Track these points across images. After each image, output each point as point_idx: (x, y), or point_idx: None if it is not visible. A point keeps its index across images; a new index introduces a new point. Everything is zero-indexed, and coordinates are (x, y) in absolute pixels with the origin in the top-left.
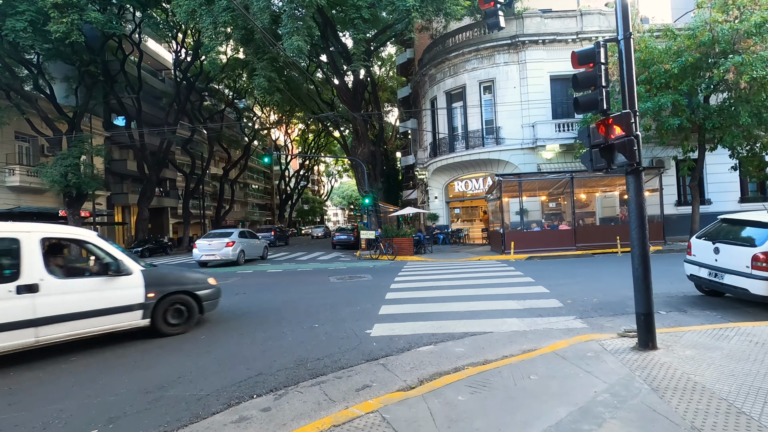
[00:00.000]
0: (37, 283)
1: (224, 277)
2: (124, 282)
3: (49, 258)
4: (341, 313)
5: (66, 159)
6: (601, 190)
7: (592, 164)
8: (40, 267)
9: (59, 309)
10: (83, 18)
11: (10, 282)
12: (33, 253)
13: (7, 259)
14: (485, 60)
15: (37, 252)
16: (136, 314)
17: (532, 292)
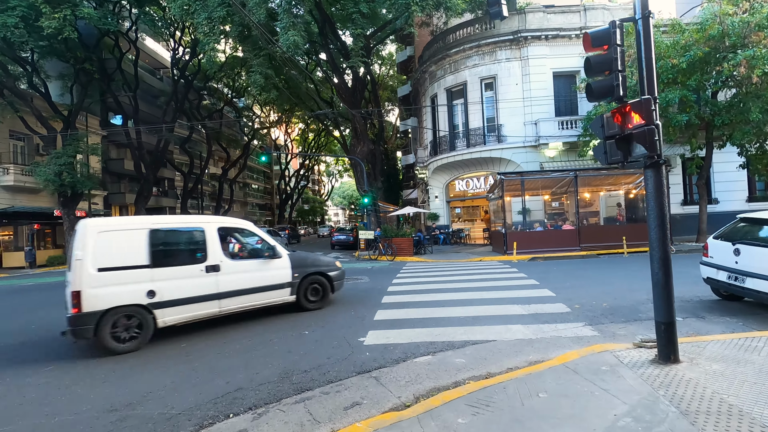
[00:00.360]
0: (218, 263)
1: None
2: (276, 264)
3: (223, 244)
4: (334, 318)
5: (60, 158)
6: (605, 189)
7: (606, 157)
8: (219, 251)
9: (234, 285)
10: (76, 14)
11: (200, 263)
12: (214, 240)
13: (197, 245)
14: (487, 56)
15: (216, 239)
16: (286, 291)
17: (537, 295)
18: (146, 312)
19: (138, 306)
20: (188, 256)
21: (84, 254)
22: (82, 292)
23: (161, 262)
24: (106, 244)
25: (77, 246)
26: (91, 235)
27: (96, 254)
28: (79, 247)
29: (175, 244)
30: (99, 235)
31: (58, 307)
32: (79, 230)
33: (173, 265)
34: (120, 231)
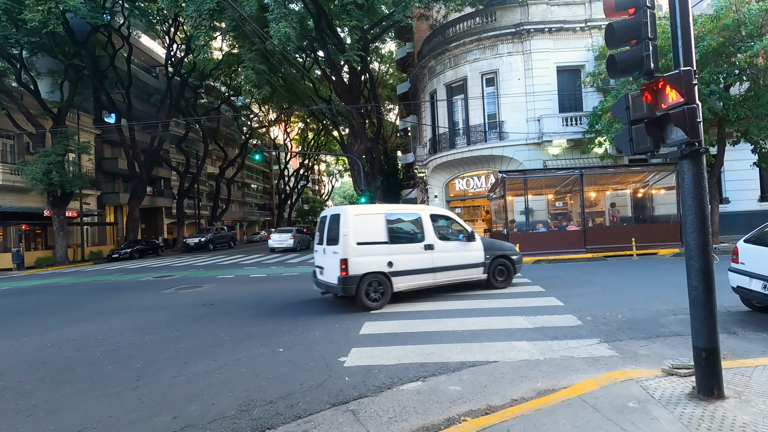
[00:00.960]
0: (433, 243)
1: (198, 283)
2: (473, 246)
3: (433, 227)
4: (315, 331)
5: (48, 156)
6: (612, 188)
7: (631, 146)
8: (433, 233)
9: (444, 262)
10: (61, 6)
11: (420, 243)
12: (428, 224)
13: (417, 228)
14: (488, 50)
15: (430, 223)
16: (479, 270)
17: (543, 305)
18: (386, 279)
19: (382, 273)
20: (412, 237)
21: (348, 231)
22: (348, 260)
23: (395, 240)
24: (360, 225)
25: (342, 225)
26: (351, 217)
27: (355, 232)
28: (343, 226)
29: (403, 226)
30: (355, 218)
31: None
32: (341, 214)
33: (402, 243)
34: (367, 215)
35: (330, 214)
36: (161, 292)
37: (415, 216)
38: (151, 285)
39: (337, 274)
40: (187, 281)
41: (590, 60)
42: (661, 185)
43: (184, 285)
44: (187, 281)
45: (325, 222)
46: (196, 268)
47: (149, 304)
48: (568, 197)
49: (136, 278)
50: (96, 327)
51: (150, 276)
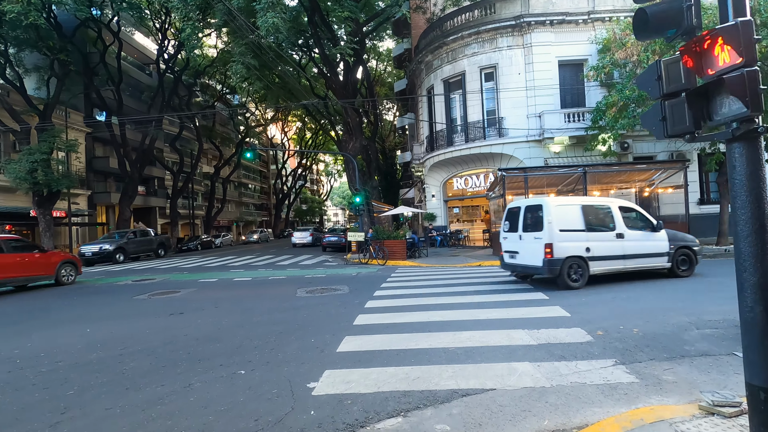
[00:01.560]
0: (623, 232)
1: (176, 287)
2: (658, 236)
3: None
4: (287, 348)
5: (33, 154)
6: (616, 186)
7: (664, 127)
8: (622, 223)
9: (632, 250)
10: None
11: (612, 231)
12: (618, 215)
13: (608, 218)
14: (487, 44)
15: (619, 214)
16: (664, 259)
17: (548, 315)
18: (584, 262)
19: (580, 258)
20: (604, 226)
21: (551, 219)
22: (553, 244)
23: (590, 229)
24: (561, 214)
25: (545, 214)
26: (553, 207)
27: (557, 220)
28: (547, 215)
29: (596, 216)
30: (556, 208)
31: None
32: (543, 205)
33: (597, 231)
34: (566, 206)
35: (525, 205)
36: (133, 299)
37: (606, 207)
38: (126, 290)
39: (540, 257)
40: (167, 286)
41: (593, 54)
42: (668, 184)
43: (160, 290)
44: (167, 286)
45: (518, 212)
46: (181, 271)
47: (115, 312)
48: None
49: (115, 282)
50: (45, 341)
51: (130, 279)
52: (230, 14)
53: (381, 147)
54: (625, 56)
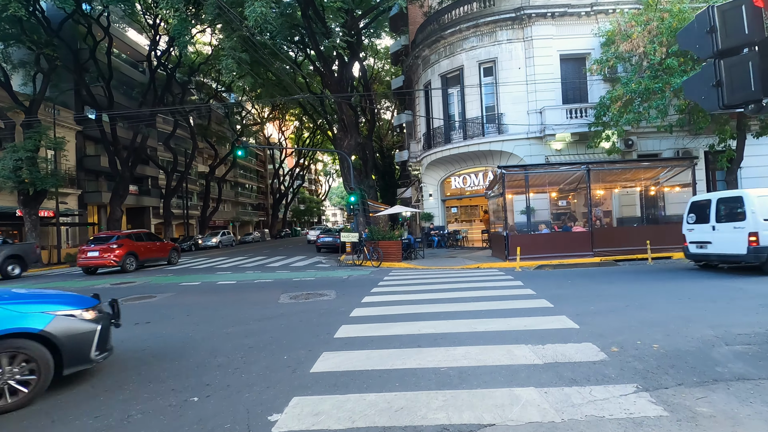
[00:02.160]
0: None
1: (155, 291)
2: None
3: None
4: (255, 367)
5: (17, 152)
6: (620, 185)
7: (719, 94)
8: None
9: None
10: None
11: None
12: None
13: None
14: (486, 37)
15: None
16: None
17: (553, 327)
18: None
19: None
20: None
21: (755, 210)
22: (758, 233)
23: None
24: (764, 204)
25: (748, 204)
26: (755, 198)
27: (760, 210)
28: (749, 206)
29: None
30: (758, 198)
31: None
32: (744, 197)
33: None
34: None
35: (717, 197)
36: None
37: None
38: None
39: (744, 245)
40: (145, 290)
41: (596, 47)
42: (674, 182)
43: (136, 295)
44: (145, 290)
45: (708, 204)
46: (165, 273)
47: None
48: (571, 196)
49: (92, 285)
50: None
51: (109, 282)
52: (220, 8)
53: (378, 146)
54: (630, 48)
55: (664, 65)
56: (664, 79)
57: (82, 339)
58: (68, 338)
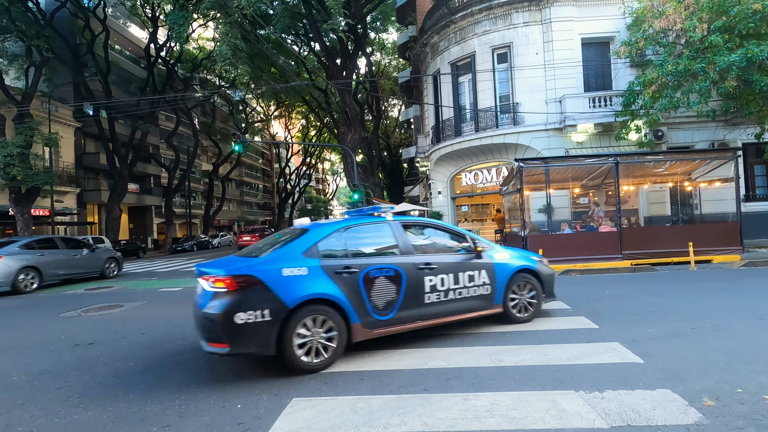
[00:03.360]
0: None
1: (126, 299)
2: None
3: None
4: (187, 425)
5: (6, 148)
6: (650, 180)
7: None
8: None
9: None
10: None
11: None
12: None
13: None
14: (500, 20)
15: None
16: None
17: (608, 361)
18: None
19: None
20: None
21: None
22: None
23: None
24: None
25: None
26: None
27: None
28: None
29: None
30: None
31: None
32: None
33: None
34: None
35: None
36: (59, 316)
37: None
38: (65, 302)
39: None
40: (118, 297)
41: (622, 30)
42: (714, 177)
43: (103, 304)
44: (118, 297)
45: None
46: (150, 276)
47: (16, 337)
48: (592, 193)
49: (64, 290)
50: None
51: (83, 288)
52: None
53: (385, 144)
54: (665, 25)
55: (706, 43)
56: (707, 59)
57: (551, 278)
58: (546, 276)
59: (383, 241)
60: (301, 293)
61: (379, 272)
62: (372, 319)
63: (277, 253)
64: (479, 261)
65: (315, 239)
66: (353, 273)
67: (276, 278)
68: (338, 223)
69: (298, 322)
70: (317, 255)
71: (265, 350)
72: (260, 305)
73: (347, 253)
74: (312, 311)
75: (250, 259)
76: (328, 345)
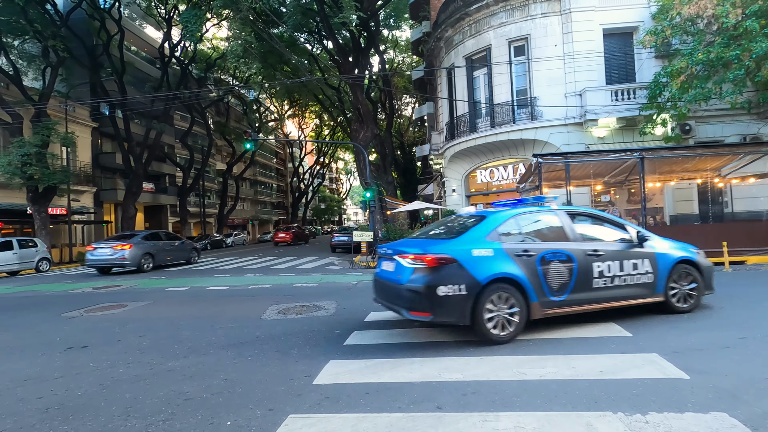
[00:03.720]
0: None
1: (131, 299)
2: None
3: None
4: None
5: (23, 147)
6: (677, 176)
7: None
8: None
9: None
10: None
11: None
12: None
13: None
14: (516, 12)
15: None
16: None
17: (648, 375)
18: None
19: None
20: None
21: None
22: None
23: None
24: None
25: None
26: None
27: None
28: None
29: None
30: None
31: None
32: None
33: None
34: None
35: None
36: (61, 316)
37: None
38: (69, 301)
39: None
40: (124, 296)
41: (646, 19)
42: (747, 172)
43: (107, 303)
44: (124, 296)
45: None
46: (158, 275)
47: (12, 339)
48: (612, 191)
49: (72, 289)
50: None
51: (92, 286)
52: None
53: (399, 142)
54: (696, 11)
55: (741, 29)
56: (742, 46)
57: (710, 271)
58: (706, 268)
59: (553, 228)
60: (491, 272)
61: (553, 256)
62: (547, 300)
63: (464, 236)
64: (642, 250)
65: (495, 225)
66: (531, 256)
67: (467, 258)
68: (512, 211)
69: (487, 297)
70: (498, 239)
71: (461, 321)
72: (457, 281)
73: (523, 238)
74: (498, 289)
75: (435, 241)
76: (512, 320)
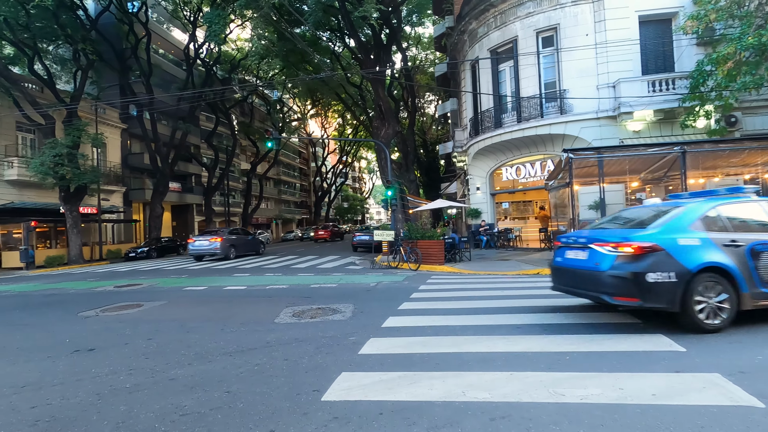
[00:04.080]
0: None
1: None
2: None
3: None
4: None
5: (55, 148)
6: (722, 172)
7: None
8: None
9: None
10: None
11: None
12: None
13: None
14: (544, 1)
15: None
16: None
17: (714, 402)
18: None
19: None
20: None
21: None
22: None
23: None
24: None
25: None
26: None
27: None
28: None
29: None
30: None
31: None
32: None
33: None
34: None
35: None
36: (77, 315)
37: None
38: (89, 300)
39: None
40: (142, 296)
41: (686, 4)
42: None
43: (123, 303)
44: (142, 296)
45: None
46: (180, 273)
47: (22, 340)
48: (648, 189)
49: (95, 287)
50: None
51: (113, 285)
52: None
53: (421, 140)
54: None
55: None
56: None
57: None
58: None
59: (758, 219)
60: (700, 260)
61: (763, 247)
62: (758, 291)
63: (666, 226)
64: None
65: (697, 214)
66: (739, 246)
67: (674, 246)
68: (713, 201)
69: (697, 286)
70: (702, 228)
71: (670, 307)
72: (666, 268)
73: (726, 228)
74: (707, 278)
75: (628, 231)
76: (723, 308)
